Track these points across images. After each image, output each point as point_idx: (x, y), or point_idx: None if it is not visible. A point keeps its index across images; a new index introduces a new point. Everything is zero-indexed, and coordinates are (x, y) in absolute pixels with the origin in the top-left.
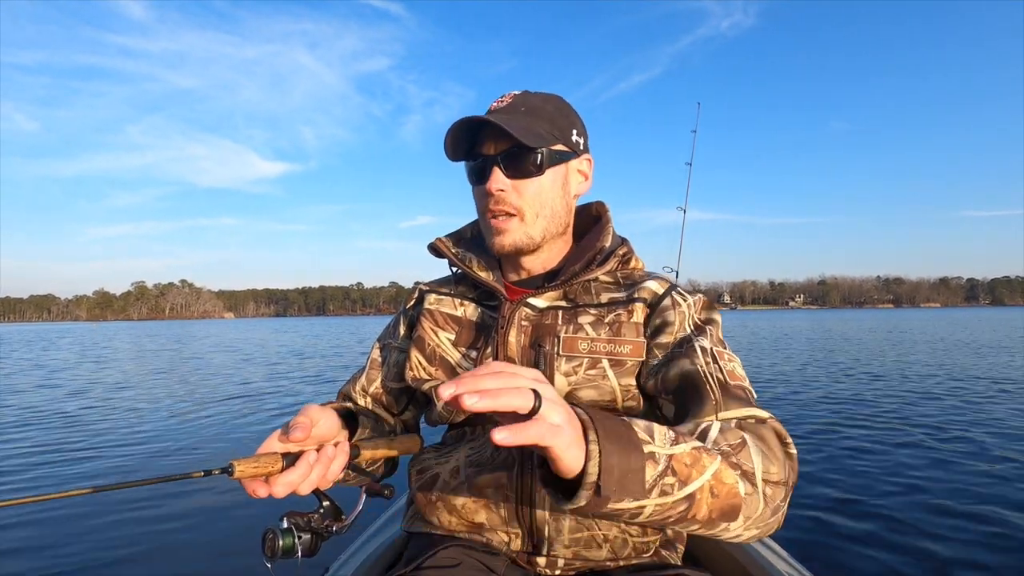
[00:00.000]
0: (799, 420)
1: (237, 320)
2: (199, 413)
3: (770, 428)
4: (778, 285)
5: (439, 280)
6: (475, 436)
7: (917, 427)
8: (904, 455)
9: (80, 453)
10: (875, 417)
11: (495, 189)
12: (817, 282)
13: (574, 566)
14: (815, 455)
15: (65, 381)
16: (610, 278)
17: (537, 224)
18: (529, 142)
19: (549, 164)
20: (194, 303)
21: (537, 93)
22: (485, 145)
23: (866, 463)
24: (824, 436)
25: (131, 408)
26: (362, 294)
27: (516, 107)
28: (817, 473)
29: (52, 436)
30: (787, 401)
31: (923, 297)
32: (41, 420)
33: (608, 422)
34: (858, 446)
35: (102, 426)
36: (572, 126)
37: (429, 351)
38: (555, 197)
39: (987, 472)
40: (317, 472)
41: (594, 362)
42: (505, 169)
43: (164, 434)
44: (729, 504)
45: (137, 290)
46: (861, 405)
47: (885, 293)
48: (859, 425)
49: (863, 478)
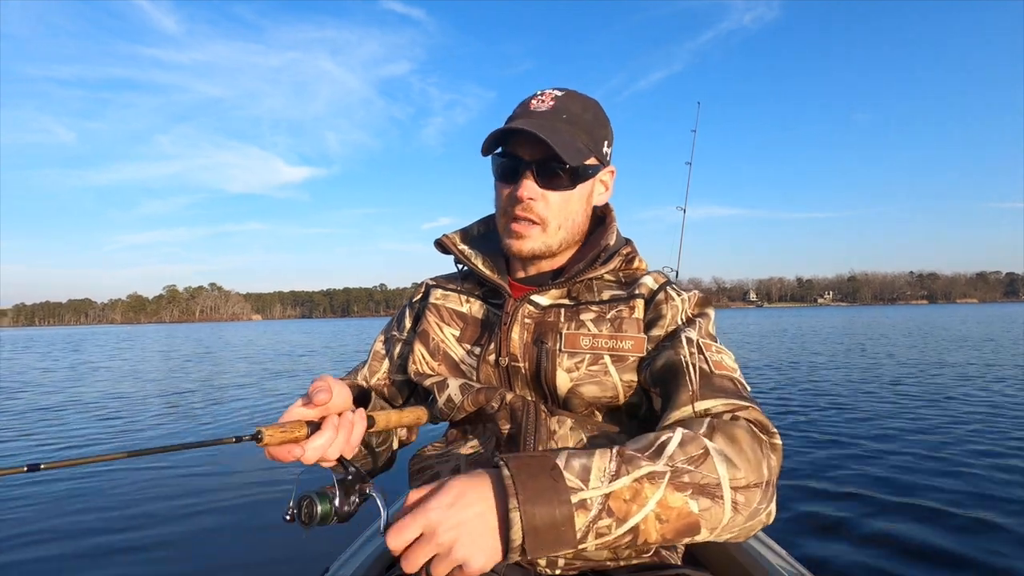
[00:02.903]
0: (803, 418)
1: (265, 322)
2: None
3: (744, 423)
4: (806, 282)
5: (446, 276)
6: (476, 435)
7: (948, 431)
8: (918, 457)
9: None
10: (899, 417)
11: (525, 196)
12: (847, 278)
13: (574, 566)
14: (818, 454)
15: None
16: (613, 277)
17: (558, 235)
18: (569, 159)
19: (581, 179)
20: (223, 306)
21: (578, 97)
22: (520, 146)
23: (869, 464)
24: (831, 436)
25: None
26: (386, 295)
27: (558, 114)
28: (819, 473)
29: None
30: (793, 399)
31: (959, 293)
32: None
33: (533, 481)
34: (865, 446)
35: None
36: (605, 138)
37: (433, 346)
38: (579, 209)
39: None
40: (343, 436)
41: (596, 358)
42: (538, 177)
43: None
44: (683, 524)
45: (169, 293)
46: (873, 403)
47: (919, 289)
48: (873, 422)
49: (864, 478)
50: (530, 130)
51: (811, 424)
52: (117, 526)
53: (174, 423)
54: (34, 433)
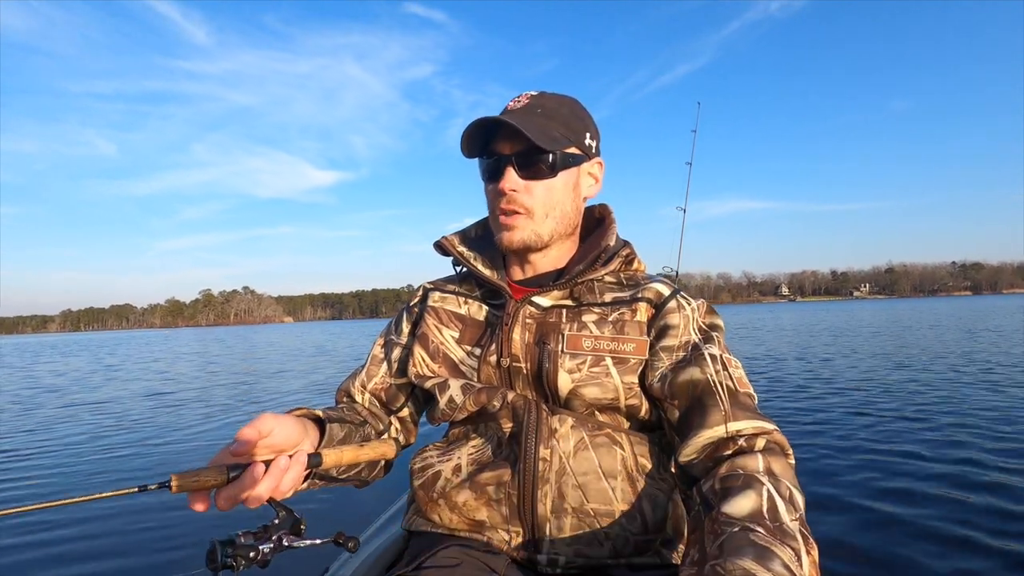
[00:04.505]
0: (808, 416)
1: (297, 324)
2: None
3: (779, 447)
4: (840, 275)
5: (444, 278)
6: (478, 434)
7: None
8: (931, 459)
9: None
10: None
11: (508, 188)
12: (884, 270)
13: (575, 564)
14: (820, 453)
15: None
16: (613, 278)
17: (546, 224)
18: (544, 144)
19: (562, 166)
20: (256, 308)
21: (553, 95)
22: (500, 144)
23: (874, 466)
24: (838, 436)
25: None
26: (412, 296)
27: (532, 109)
28: (821, 472)
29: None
30: (796, 397)
31: (1006, 283)
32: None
33: None
34: (873, 448)
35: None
36: (586, 129)
37: (433, 348)
38: (565, 199)
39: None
40: (266, 485)
41: (598, 360)
42: (519, 169)
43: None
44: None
45: (204, 297)
46: (875, 400)
47: (961, 279)
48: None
49: (867, 478)
50: (500, 119)
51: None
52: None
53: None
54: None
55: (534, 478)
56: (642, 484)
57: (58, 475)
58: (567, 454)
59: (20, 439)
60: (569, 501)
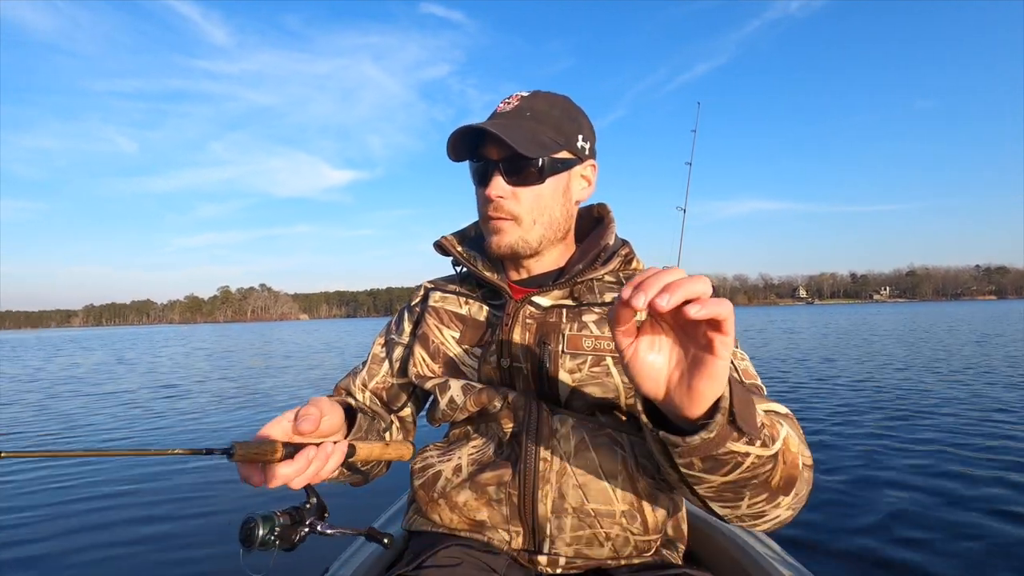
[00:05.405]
0: (811, 415)
1: (313, 321)
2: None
3: (794, 421)
4: (860, 277)
5: (444, 278)
6: (478, 434)
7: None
8: (927, 459)
9: None
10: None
11: (494, 195)
12: (905, 273)
13: (575, 565)
14: (823, 452)
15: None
16: (613, 278)
17: (534, 230)
18: (529, 153)
19: (550, 172)
20: (272, 306)
21: (545, 95)
22: (488, 148)
23: (875, 466)
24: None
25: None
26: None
27: (522, 112)
28: (822, 471)
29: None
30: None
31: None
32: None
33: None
34: (872, 449)
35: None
36: (578, 131)
37: (433, 348)
38: (555, 204)
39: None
40: (314, 468)
41: (598, 359)
42: (506, 175)
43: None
44: (791, 474)
45: (222, 294)
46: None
47: (985, 283)
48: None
49: (868, 478)
50: (483, 126)
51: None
52: (92, 523)
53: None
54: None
55: (535, 478)
56: (643, 484)
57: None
58: (568, 454)
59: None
60: (570, 501)
